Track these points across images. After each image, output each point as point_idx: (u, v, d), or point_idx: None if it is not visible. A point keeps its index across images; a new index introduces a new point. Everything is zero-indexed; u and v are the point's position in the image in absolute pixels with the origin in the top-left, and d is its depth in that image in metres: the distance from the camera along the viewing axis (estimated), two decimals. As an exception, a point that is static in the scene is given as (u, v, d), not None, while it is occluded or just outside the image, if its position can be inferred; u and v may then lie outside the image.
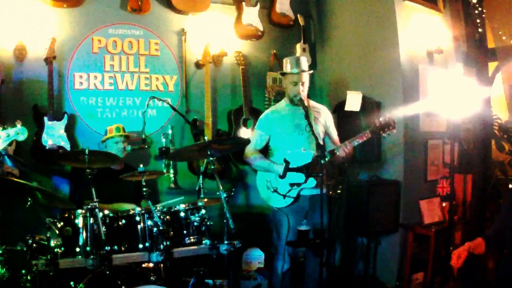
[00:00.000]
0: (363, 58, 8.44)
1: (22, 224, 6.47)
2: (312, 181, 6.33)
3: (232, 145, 6.57)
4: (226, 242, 5.66)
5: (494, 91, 8.82)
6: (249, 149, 6.69)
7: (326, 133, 6.90)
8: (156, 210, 5.59)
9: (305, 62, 6.71)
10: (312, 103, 6.91)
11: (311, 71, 6.90)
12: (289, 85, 6.66)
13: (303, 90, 6.62)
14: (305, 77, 6.64)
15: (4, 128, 4.88)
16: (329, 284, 6.76)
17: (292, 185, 6.34)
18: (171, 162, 7.92)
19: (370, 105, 7.96)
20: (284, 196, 6.45)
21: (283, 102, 6.93)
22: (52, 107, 7.21)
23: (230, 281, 6.29)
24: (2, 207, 5.62)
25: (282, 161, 6.27)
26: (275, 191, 6.51)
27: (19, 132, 4.91)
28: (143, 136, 7.17)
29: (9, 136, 4.88)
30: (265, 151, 6.87)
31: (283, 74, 6.80)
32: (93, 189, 5.39)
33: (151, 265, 5.75)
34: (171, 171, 7.92)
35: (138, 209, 5.74)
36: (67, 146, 7.26)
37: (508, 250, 5.22)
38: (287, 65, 6.69)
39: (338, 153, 6.32)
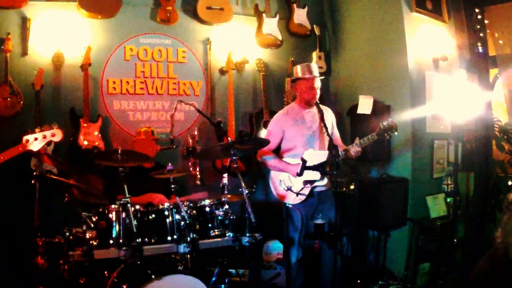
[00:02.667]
0: (374, 65, 8.46)
1: (60, 218, 6.52)
2: (326, 179, 6.41)
3: (254, 145, 6.52)
4: (248, 234, 5.68)
5: (494, 95, 8.82)
6: (263, 149, 6.62)
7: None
8: (183, 205, 5.60)
9: (316, 68, 6.68)
10: (321, 106, 6.92)
11: (323, 77, 6.89)
12: (304, 90, 6.60)
13: (317, 94, 6.61)
14: (318, 82, 6.62)
15: (41, 130, 4.99)
16: (343, 273, 6.72)
17: (305, 183, 6.33)
18: (197, 161, 7.92)
19: (380, 108, 8.01)
20: (297, 194, 6.45)
21: (295, 105, 6.88)
22: (88, 110, 7.29)
23: (252, 270, 6.47)
24: (42, 202, 5.65)
25: (295, 161, 6.40)
26: (289, 189, 6.49)
27: (54, 133, 5.05)
28: (172, 137, 7.15)
29: (46, 137, 5.02)
30: (276, 150, 6.86)
31: (295, 80, 6.73)
32: (125, 186, 5.42)
33: (178, 255, 5.76)
34: (197, 169, 7.93)
35: (166, 204, 5.71)
36: (101, 146, 7.29)
37: None
38: (300, 71, 6.63)
39: (351, 151, 6.37)
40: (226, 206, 5.92)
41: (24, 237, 6.12)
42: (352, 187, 7.94)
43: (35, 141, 5.00)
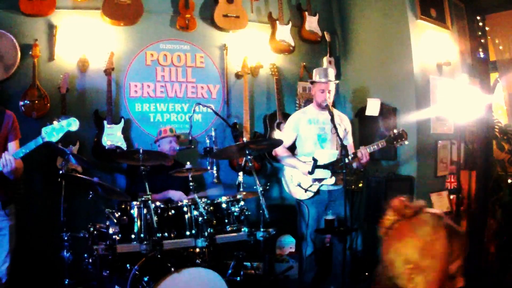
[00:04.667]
0: (381, 70, 8.38)
1: (85, 214, 6.60)
2: (333, 178, 6.39)
3: (267, 145, 6.62)
4: (262, 229, 5.69)
5: (495, 98, 8.78)
6: (278, 147, 6.62)
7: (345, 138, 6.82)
8: (201, 202, 5.59)
9: (332, 73, 6.70)
10: (336, 111, 6.89)
11: (337, 81, 6.90)
12: (317, 92, 6.65)
13: (330, 97, 6.60)
14: (332, 86, 6.64)
15: (58, 121, 4.94)
16: (352, 266, 6.74)
17: (314, 180, 6.37)
18: (214, 160, 7.88)
19: (387, 111, 7.94)
20: (306, 190, 6.45)
21: (310, 107, 6.95)
22: (111, 112, 7.25)
23: (266, 263, 6.45)
24: (68, 199, 5.61)
25: (307, 159, 6.37)
26: (299, 185, 6.48)
27: (71, 122, 4.96)
28: (190, 138, 7.10)
29: (63, 127, 4.94)
30: (291, 149, 6.85)
31: (313, 82, 6.78)
32: (146, 183, 5.44)
33: (196, 249, 5.76)
34: (214, 168, 7.88)
35: (185, 201, 5.75)
36: (124, 146, 7.26)
37: None
38: (316, 75, 6.68)
39: (358, 155, 6.30)
40: (242, 203, 5.92)
41: (51, 232, 6.16)
42: (360, 184, 7.90)
43: (53, 132, 4.92)
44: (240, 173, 6.47)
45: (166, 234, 5.52)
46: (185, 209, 5.69)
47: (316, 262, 6.74)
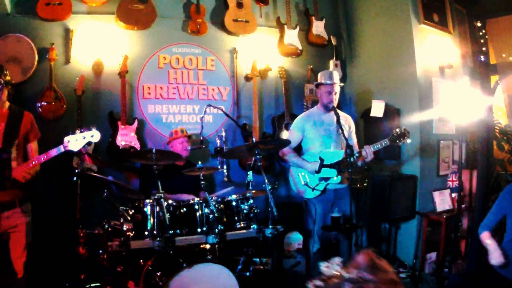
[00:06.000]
0: (385, 72, 8.35)
1: (100, 211, 6.50)
2: (339, 177, 6.31)
3: (276, 145, 6.50)
4: (270, 226, 5.62)
5: (495, 100, 8.72)
6: (285, 147, 6.57)
7: (349, 138, 6.75)
8: (212, 200, 5.58)
9: (337, 75, 6.62)
10: (340, 112, 6.79)
11: (342, 84, 6.84)
12: (324, 94, 6.56)
13: (335, 99, 6.53)
14: (337, 88, 6.56)
15: (81, 132, 5.00)
16: None
17: (321, 179, 6.31)
18: (225, 159, 7.85)
19: (391, 112, 7.91)
20: (313, 189, 6.39)
21: (315, 109, 6.86)
22: (125, 113, 7.25)
23: (274, 259, 6.39)
24: (83, 197, 5.56)
25: (313, 159, 6.38)
26: (306, 184, 6.43)
27: (93, 135, 5.04)
28: (201, 138, 7.08)
29: (85, 138, 5.02)
30: (297, 149, 6.78)
31: (318, 84, 6.68)
32: (159, 182, 5.44)
33: (207, 246, 5.73)
34: (225, 167, 7.84)
35: (197, 199, 5.71)
36: (137, 146, 7.25)
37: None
38: (322, 77, 6.60)
39: (363, 154, 6.24)
40: (251, 201, 5.88)
41: (67, 228, 6.13)
42: (365, 183, 7.85)
43: (75, 142, 4.98)
44: (250, 172, 6.43)
45: (178, 231, 5.50)
46: (196, 207, 5.65)
47: (322, 258, 6.61)
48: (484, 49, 8.51)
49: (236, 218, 5.82)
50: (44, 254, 6.31)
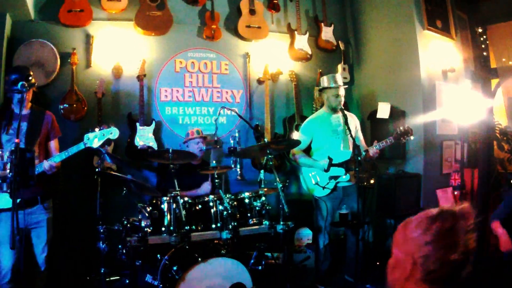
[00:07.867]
0: (391, 76, 8.27)
1: (119, 208, 6.49)
2: (347, 176, 6.31)
3: (287, 145, 6.47)
4: (281, 223, 5.61)
5: (495, 102, 8.68)
6: (295, 149, 6.54)
7: (356, 136, 6.70)
8: (226, 197, 5.56)
9: (340, 78, 6.59)
10: (346, 112, 6.73)
11: (346, 86, 6.79)
12: (331, 97, 6.53)
13: (341, 101, 6.50)
14: (342, 91, 6.52)
15: (100, 129, 5.01)
16: (365, 256, 6.67)
17: (331, 178, 6.31)
18: (238, 159, 7.84)
19: (396, 113, 7.80)
20: (323, 188, 6.40)
21: (322, 111, 6.80)
22: (143, 115, 7.23)
23: (285, 254, 6.28)
24: (103, 195, 5.54)
25: (322, 159, 6.34)
26: (316, 183, 6.46)
27: (112, 132, 5.02)
28: (215, 138, 7.12)
29: (104, 135, 5.00)
30: (307, 150, 6.74)
31: (322, 89, 6.67)
32: (175, 180, 5.47)
33: (222, 241, 5.66)
34: (238, 166, 7.84)
35: (211, 196, 5.72)
36: (155, 146, 7.22)
37: None
38: (326, 81, 6.56)
39: (370, 152, 6.24)
40: (263, 198, 5.88)
41: (88, 225, 6.08)
42: (372, 181, 7.75)
43: (95, 139, 4.96)
44: (262, 171, 6.52)
45: (193, 227, 5.54)
46: (211, 204, 5.67)
47: (331, 253, 6.70)
48: (485, 53, 8.49)
49: (249, 214, 5.81)
50: (66, 249, 6.37)
